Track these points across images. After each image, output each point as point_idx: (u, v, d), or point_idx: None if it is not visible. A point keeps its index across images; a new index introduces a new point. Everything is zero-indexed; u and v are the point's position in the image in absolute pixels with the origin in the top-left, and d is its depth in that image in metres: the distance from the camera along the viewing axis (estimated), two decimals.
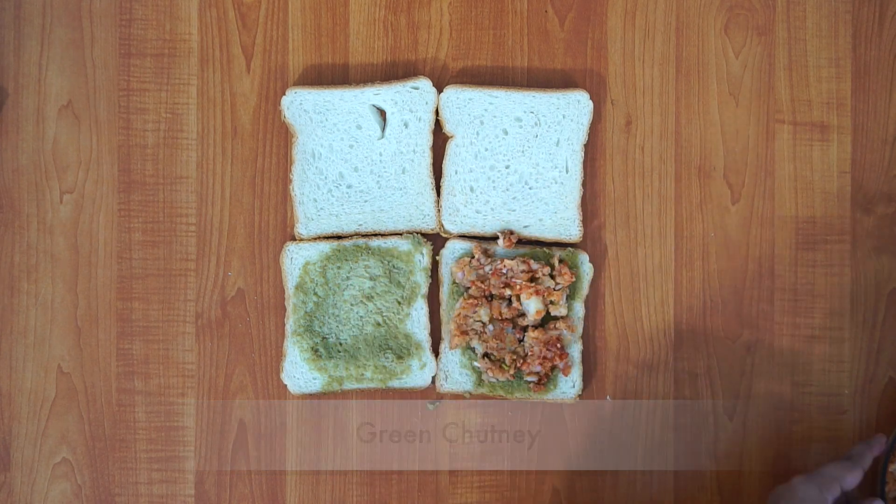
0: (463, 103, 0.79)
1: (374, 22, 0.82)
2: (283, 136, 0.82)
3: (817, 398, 0.82)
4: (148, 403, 0.81)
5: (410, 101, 0.79)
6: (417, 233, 0.80)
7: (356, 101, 0.80)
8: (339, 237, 0.81)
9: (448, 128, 0.80)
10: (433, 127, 0.80)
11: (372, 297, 0.79)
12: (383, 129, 0.80)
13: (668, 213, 0.82)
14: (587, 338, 0.81)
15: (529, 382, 0.79)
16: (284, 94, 0.79)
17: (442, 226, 0.80)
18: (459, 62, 0.82)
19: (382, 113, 0.80)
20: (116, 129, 0.82)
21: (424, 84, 0.79)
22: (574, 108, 0.80)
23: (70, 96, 0.81)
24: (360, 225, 0.80)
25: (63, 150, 0.81)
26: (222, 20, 0.82)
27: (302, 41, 0.82)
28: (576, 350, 0.79)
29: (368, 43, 0.82)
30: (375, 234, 0.81)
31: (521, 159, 0.80)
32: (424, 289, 0.80)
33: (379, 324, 0.79)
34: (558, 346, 0.78)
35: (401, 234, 0.80)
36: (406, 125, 0.80)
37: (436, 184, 0.80)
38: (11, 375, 0.80)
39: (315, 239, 0.80)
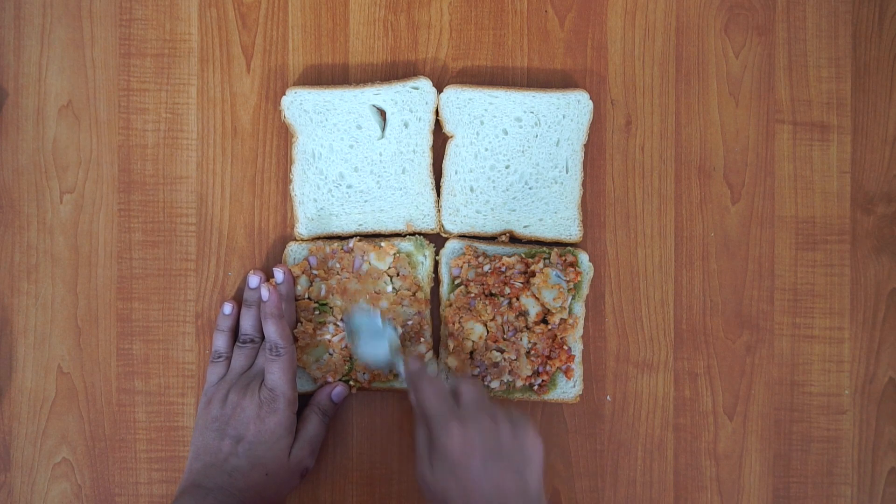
0: (463, 103, 0.79)
1: (374, 22, 0.82)
2: (283, 136, 0.82)
3: (817, 398, 0.82)
4: (148, 403, 0.81)
5: (410, 101, 0.79)
6: (418, 233, 0.80)
7: (356, 101, 0.79)
8: (339, 237, 0.81)
9: (448, 128, 0.80)
10: (433, 127, 0.80)
11: None
12: (383, 129, 0.80)
13: (668, 213, 0.82)
14: (587, 338, 0.81)
15: (532, 385, 0.79)
16: (284, 94, 0.79)
17: (442, 226, 0.80)
18: (459, 62, 0.82)
19: (382, 113, 0.80)
20: (116, 129, 0.82)
21: (424, 84, 0.79)
22: (574, 107, 0.80)
23: (70, 96, 0.81)
24: (361, 225, 0.80)
25: (63, 150, 0.81)
26: (222, 20, 0.82)
27: (302, 41, 0.82)
28: (576, 350, 0.79)
29: (368, 43, 0.82)
30: (376, 235, 0.80)
31: (521, 159, 0.80)
32: (426, 291, 0.79)
33: None
34: (565, 347, 0.78)
35: (403, 236, 0.80)
36: (406, 125, 0.79)
37: (436, 184, 0.80)
38: (11, 375, 0.80)
39: (315, 239, 0.80)
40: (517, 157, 0.80)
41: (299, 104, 0.79)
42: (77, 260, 0.81)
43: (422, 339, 0.78)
